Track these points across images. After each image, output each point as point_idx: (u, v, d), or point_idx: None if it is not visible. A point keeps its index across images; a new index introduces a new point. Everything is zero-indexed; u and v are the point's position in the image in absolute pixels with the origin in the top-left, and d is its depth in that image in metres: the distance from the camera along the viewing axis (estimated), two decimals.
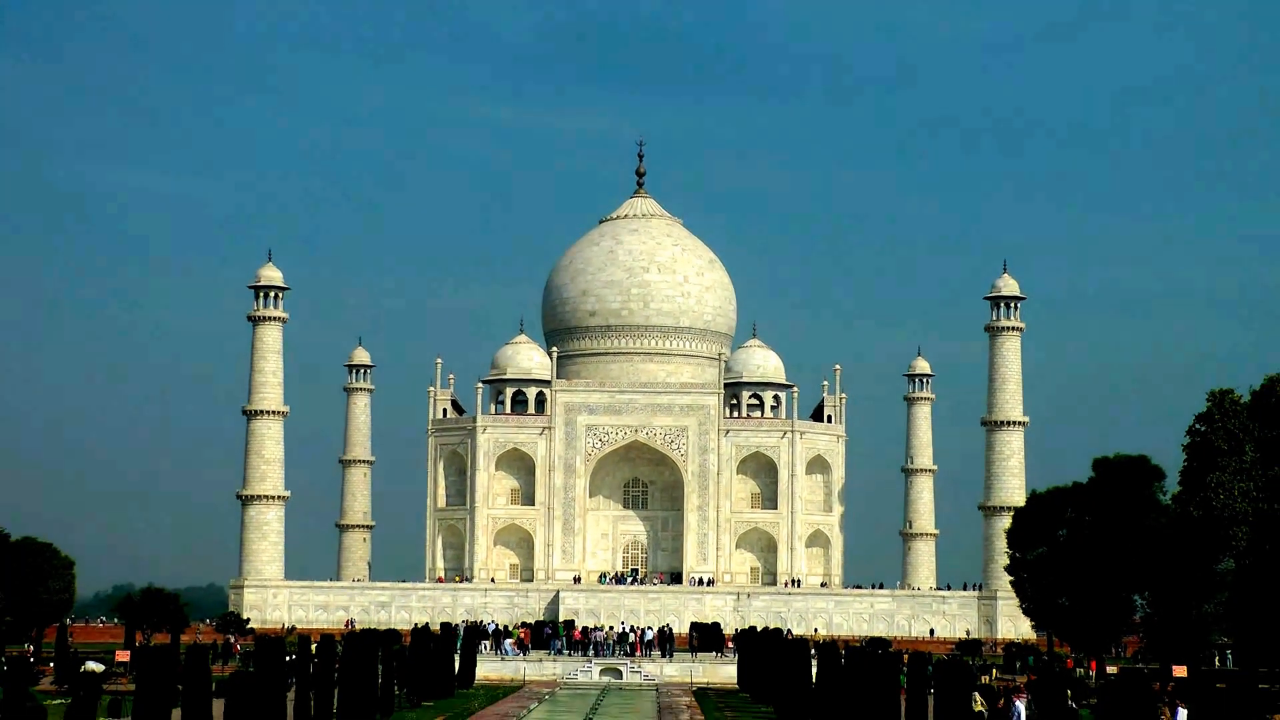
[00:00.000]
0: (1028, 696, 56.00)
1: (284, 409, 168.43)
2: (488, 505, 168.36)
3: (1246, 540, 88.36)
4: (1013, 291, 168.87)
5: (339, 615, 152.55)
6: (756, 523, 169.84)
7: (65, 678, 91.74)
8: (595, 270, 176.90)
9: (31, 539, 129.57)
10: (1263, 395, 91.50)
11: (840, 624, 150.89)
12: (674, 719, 72.23)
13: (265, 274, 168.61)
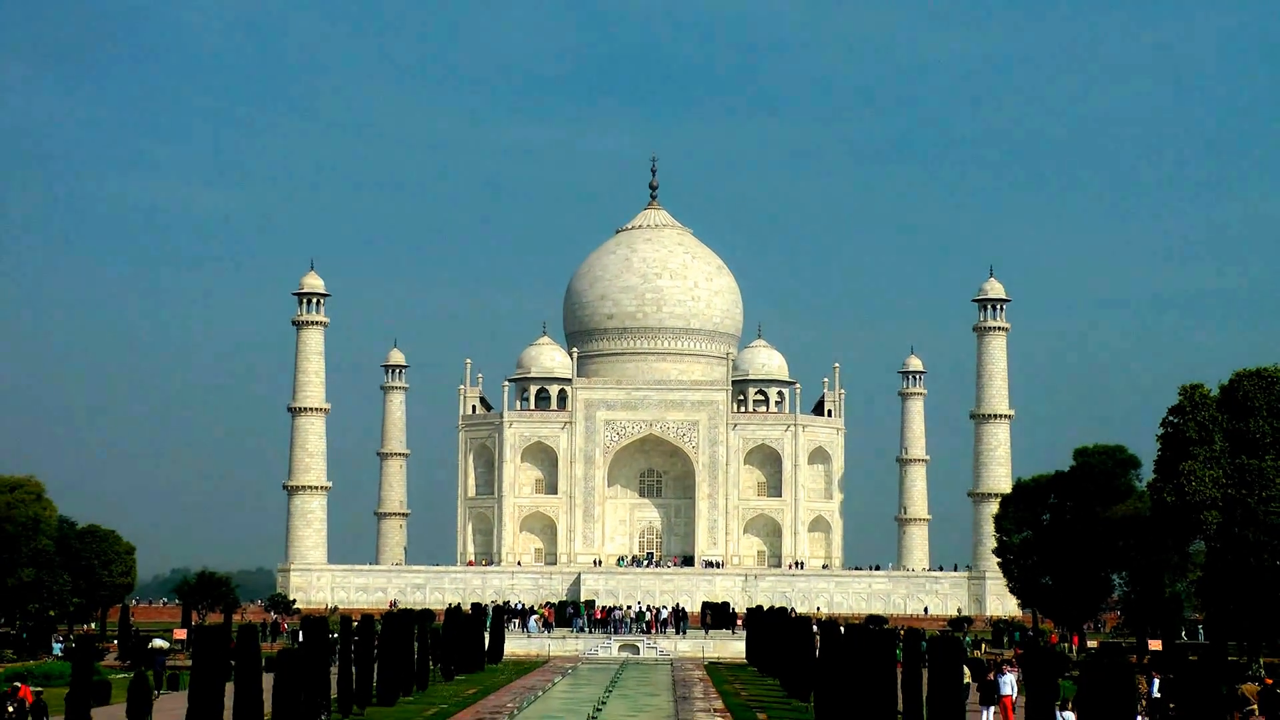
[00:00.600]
0: (1017, 670, 56.05)
1: (325, 406, 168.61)
2: (514, 494, 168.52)
3: (1216, 524, 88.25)
4: (998, 294, 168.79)
5: (378, 596, 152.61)
6: (762, 509, 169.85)
7: (127, 654, 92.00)
8: (612, 277, 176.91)
9: (96, 527, 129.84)
10: (1230, 390, 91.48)
11: (840, 603, 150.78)
12: (688, 691, 72.22)
13: (308, 282, 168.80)
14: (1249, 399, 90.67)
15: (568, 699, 68.92)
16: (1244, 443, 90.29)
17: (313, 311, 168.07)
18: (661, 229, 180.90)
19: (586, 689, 74.58)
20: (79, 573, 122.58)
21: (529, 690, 71.77)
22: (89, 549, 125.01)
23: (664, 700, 67.92)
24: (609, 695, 69.54)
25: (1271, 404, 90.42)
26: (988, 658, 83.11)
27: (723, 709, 61.77)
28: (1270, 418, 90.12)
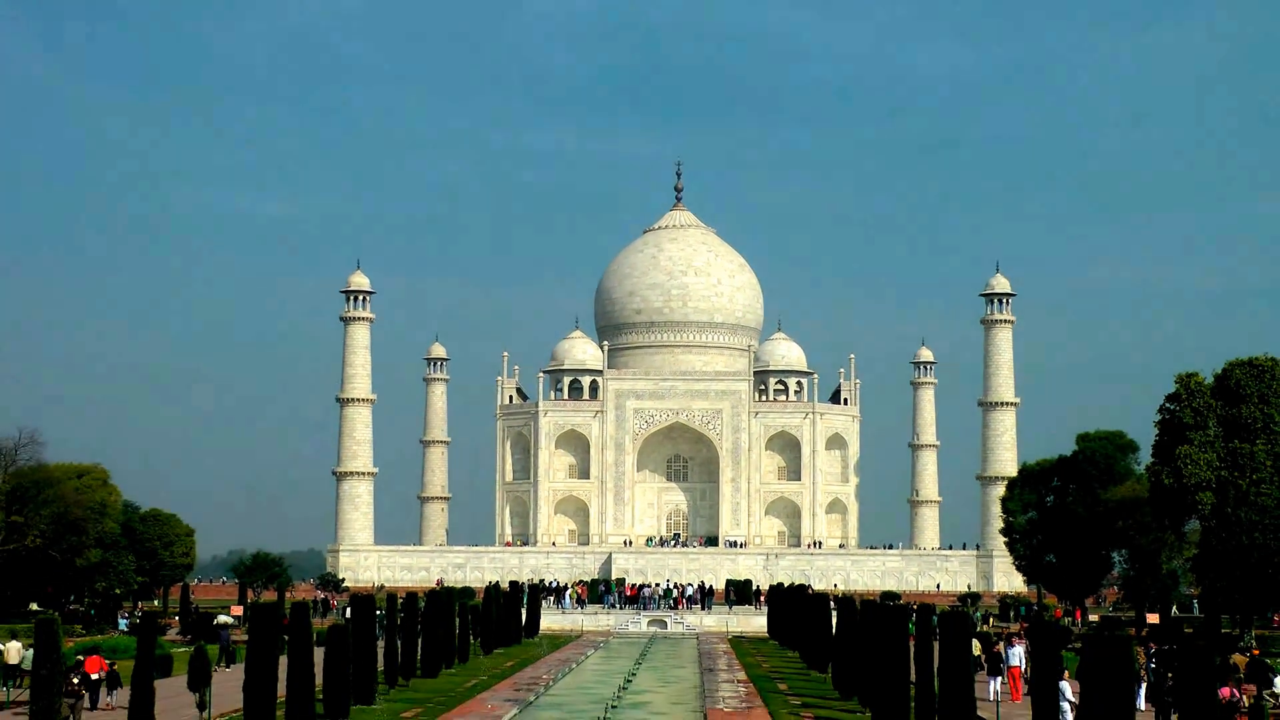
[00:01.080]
0: (1024, 642, 55.96)
1: (372, 397, 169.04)
2: (549, 479, 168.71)
3: (1210, 505, 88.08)
4: (1004, 289, 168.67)
5: (421, 575, 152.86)
6: (782, 492, 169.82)
7: (188, 629, 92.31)
8: (640, 274, 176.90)
9: (158, 511, 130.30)
10: (1223, 378, 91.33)
11: (856, 580, 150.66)
12: (713, 663, 72.20)
13: (355, 280, 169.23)
14: (1241, 387, 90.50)
15: (600, 671, 68.98)
16: (1236, 428, 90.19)
17: (359, 308, 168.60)
18: (686, 229, 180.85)
19: (618, 662, 74.65)
20: (142, 554, 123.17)
21: (564, 663, 71.85)
22: (152, 531, 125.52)
23: (690, 672, 67.96)
24: (639, 667, 69.63)
25: (1262, 392, 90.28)
26: (995, 632, 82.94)
27: (746, 680, 61.78)
28: (1260, 405, 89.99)
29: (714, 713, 47.47)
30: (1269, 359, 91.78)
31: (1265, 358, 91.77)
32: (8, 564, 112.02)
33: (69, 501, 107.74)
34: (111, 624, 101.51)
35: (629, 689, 57.60)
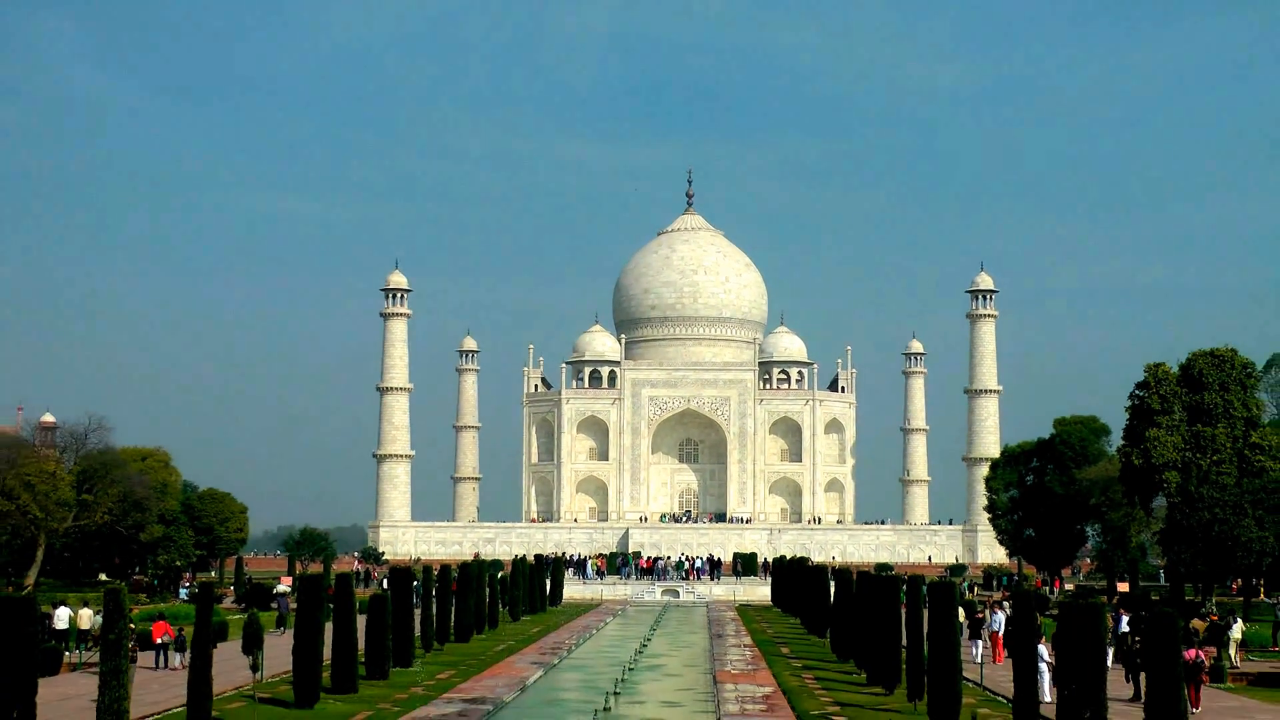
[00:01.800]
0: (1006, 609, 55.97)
1: (409, 386, 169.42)
2: (571, 461, 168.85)
3: (1175, 483, 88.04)
4: (988, 286, 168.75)
5: (454, 549, 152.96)
6: (785, 473, 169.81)
7: (242, 598, 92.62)
8: (654, 273, 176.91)
9: (214, 490, 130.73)
10: (1188, 367, 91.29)
11: (852, 553, 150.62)
12: (721, 629, 72.31)
13: (393, 279, 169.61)
14: (1204, 376, 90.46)
15: (618, 636, 69.14)
16: (1199, 413, 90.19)
17: (397, 305, 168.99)
18: (697, 231, 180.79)
19: (634, 628, 74.81)
20: (200, 529, 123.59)
21: (585, 629, 71.98)
22: (208, 509, 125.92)
23: (701, 637, 68.10)
24: (654, 633, 69.80)
25: (1222, 380, 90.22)
26: (980, 600, 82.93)
27: (751, 644, 61.86)
28: (1221, 392, 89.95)
29: (723, 674, 47.57)
30: (1229, 350, 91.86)
31: (1225, 349, 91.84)
32: (79, 538, 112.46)
33: (134, 482, 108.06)
34: (173, 593, 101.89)
35: (645, 652, 57.77)
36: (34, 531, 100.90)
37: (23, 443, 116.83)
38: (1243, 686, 45.60)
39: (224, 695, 38.94)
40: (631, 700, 41.58)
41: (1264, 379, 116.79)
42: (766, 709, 38.04)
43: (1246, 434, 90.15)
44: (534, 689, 44.48)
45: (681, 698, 42.99)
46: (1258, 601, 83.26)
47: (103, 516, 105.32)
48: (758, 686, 43.64)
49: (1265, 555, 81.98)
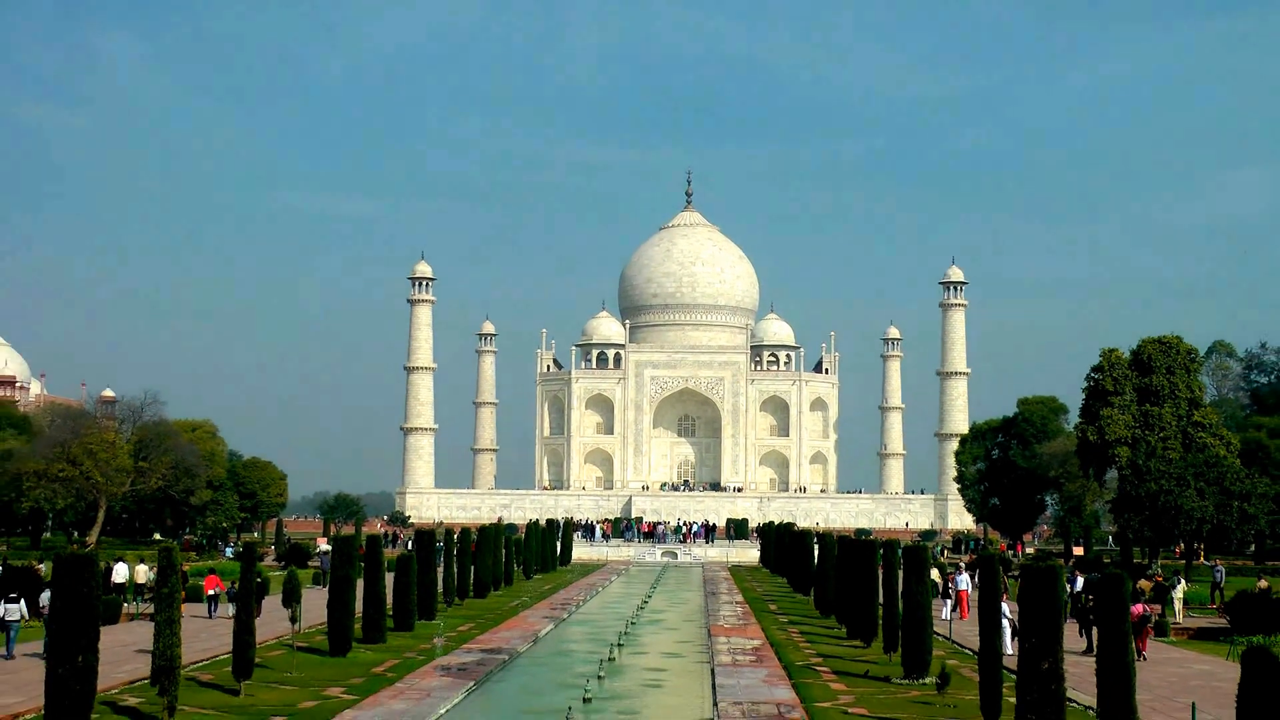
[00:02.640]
0: (972, 571, 56.07)
1: (433, 365, 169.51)
2: (579, 434, 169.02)
3: (1126, 458, 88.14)
4: (959, 278, 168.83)
5: (474, 513, 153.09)
6: (774, 446, 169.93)
7: (282, 556, 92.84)
8: (656, 264, 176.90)
9: (257, 459, 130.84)
10: (1138, 353, 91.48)
11: (835, 519, 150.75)
12: (715, 587, 72.39)
13: (419, 269, 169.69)
14: (1152, 360, 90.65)
15: (622, 593, 69.25)
16: (1147, 394, 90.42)
17: (422, 292, 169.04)
18: (695, 227, 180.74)
19: (637, 586, 74.92)
20: (244, 494, 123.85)
21: (592, 586, 72.10)
22: (251, 476, 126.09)
23: (697, 595, 68.19)
24: (654, 591, 69.89)
25: (1169, 365, 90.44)
26: (950, 563, 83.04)
27: (742, 601, 61.98)
28: (1167, 375, 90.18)
29: (716, 628, 47.66)
30: (1175, 338, 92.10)
31: (1172, 337, 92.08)
32: (135, 502, 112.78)
33: (185, 451, 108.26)
34: (219, 552, 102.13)
35: (646, 608, 57.86)
36: (96, 495, 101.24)
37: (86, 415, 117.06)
38: (1184, 640, 45.75)
39: (266, 644, 39.09)
40: (634, 651, 41.70)
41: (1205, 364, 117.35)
42: (756, 660, 38.14)
43: (1189, 413, 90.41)
44: (545, 641, 44.60)
45: (680, 649, 43.12)
46: (1198, 564, 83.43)
47: (156, 482, 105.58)
48: (748, 640, 43.75)
49: (1205, 523, 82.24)
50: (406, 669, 35.12)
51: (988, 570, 27.05)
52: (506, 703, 30.86)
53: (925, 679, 33.49)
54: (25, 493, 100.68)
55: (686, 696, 32.39)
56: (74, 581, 22.17)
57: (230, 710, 27.95)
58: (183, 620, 26.79)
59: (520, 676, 35.59)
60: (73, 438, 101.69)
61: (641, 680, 35.06)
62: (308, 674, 33.92)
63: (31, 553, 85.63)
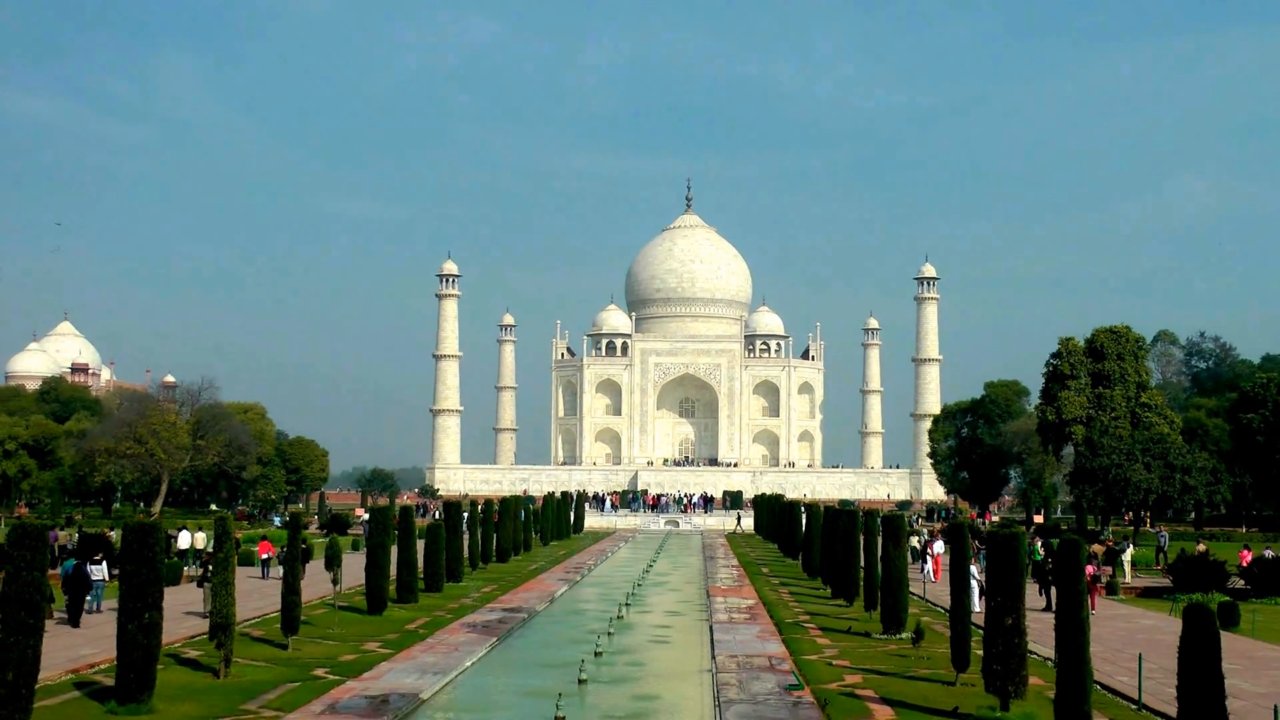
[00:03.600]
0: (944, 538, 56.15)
1: (458, 354, 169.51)
2: (590, 416, 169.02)
3: (1081, 435, 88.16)
4: (931, 274, 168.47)
5: (496, 486, 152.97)
6: (765, 426, 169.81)
7: (324, 525, 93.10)
8: (659, 262, 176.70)
9: (301, 438, 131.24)
10: (1092, 341, 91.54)
11: (820, 491, 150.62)
12: (713, 553, 72.57)
13: (446, 267, 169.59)
14: (1104, 348, 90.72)
15: (629, 558, 69.42)
16: (1100, 378, 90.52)
17: (449, 287, 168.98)
18: (694, 228, 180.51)
19: (642, 551, 75.09)
20: (290, 469, 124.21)
21: (602, 552, 72.28)
22: (297, 452, 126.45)
23: (697, 559, 68.35)
24: (658, 556, 70.05)
25: (1119, 352, 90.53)
26: (925, 530, 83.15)
27: (737, 565, 62.12)
28: (1118, 361, 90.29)
29: (714, 589, 47.78)
30: (1124, 328, 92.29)
31: (1122, 326, 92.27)
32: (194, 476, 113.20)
33: (237, 430, 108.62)
34: (268, 521, 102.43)
35: (651, 571, 58.02)
36: (159, 470, 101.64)
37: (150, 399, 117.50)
38: (1132, 598, 45.88)
39: (310, 603, 39.19)
40: (641, 610, 41.82)
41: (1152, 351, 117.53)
42: (750, 617, 38.24)
43: (1137, 395, 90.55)
44: (561, 600, 44.72)
45: (681, 608, 43.24)
46: (1144, 531, 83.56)
47: (212, 458, 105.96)
48: (743, 599, 43.86)
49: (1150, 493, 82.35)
50: (436, 626, 35.24)
51: (957, 536, 27.12)
52: (526, 656, 30.97)
53: (902, 634, 33.59)
54: (97, 468, 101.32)
55: (688, 650, 32.50)
56: (141, 547, 22.29)
57: (279, 662, 28.08)
58: (236, 582, 26.91)
59: (538, 633, 35.71)
60: (139, 419, 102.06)
61: (647, 636, 35.18)
62: (348, 630, 34.05)
63: (104, 521, 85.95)
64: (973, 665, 25.64)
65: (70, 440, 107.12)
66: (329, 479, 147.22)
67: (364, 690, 24.45)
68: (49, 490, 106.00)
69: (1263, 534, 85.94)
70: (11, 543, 19.29)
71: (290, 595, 30.41)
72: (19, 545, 19.15)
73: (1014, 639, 21.30)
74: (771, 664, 28.41)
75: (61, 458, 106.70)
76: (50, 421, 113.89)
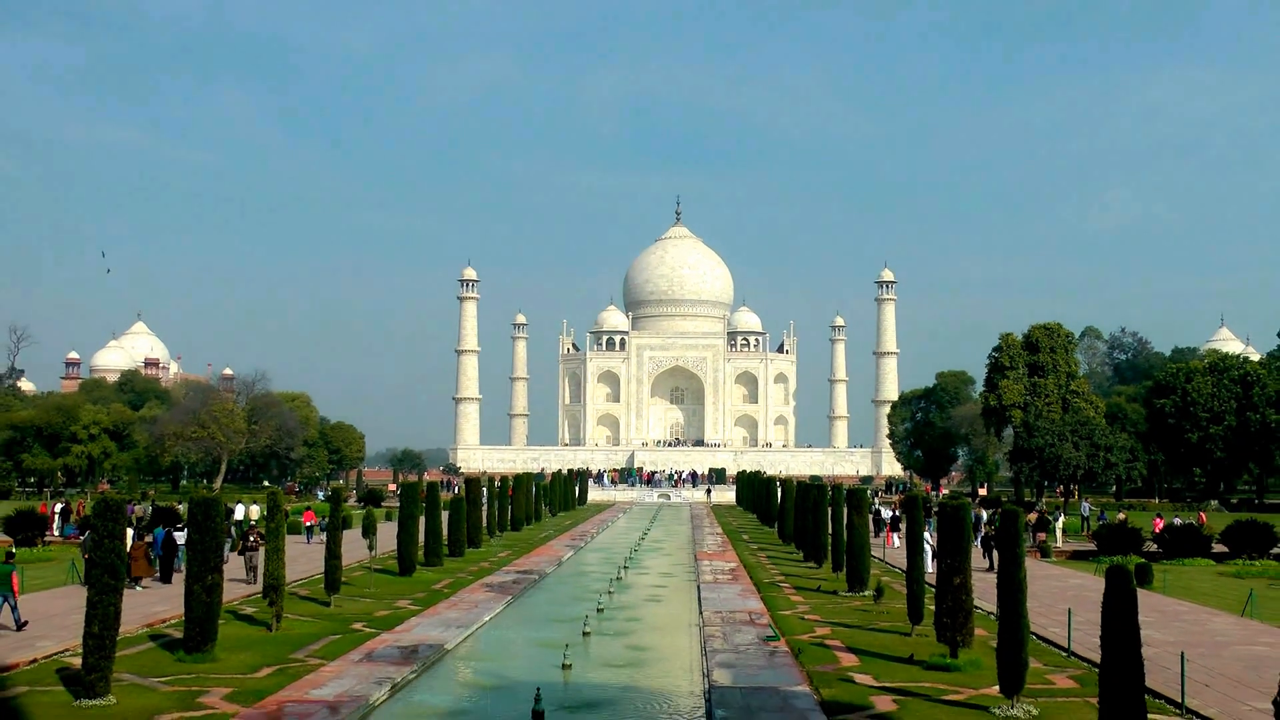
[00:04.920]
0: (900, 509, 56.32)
1: (477, 349, 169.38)
2: (593, 402, 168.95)
3: (1019, 419, 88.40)
4: (890, 278, 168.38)
5: (510, 465, 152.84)
6: (745, 411, 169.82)
7: (361, 499, 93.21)
8: (653, 268, 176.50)
9: (342, 422, 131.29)
10: (1029, 336, 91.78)
11: (794, 468, 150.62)
12: (700, 522, 72.71)
13: (466, 273, 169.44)
14: (1038, 342, 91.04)
15: (627, 526, 69.55)
16: (1035, 369, 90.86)
17: (469, 290, 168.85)
18: (683, 239, 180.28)
19: (638, 520, 75.23)
20: (331, 450, 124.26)
21: (603, 521, 72.40)
22: (337, 435, 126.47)
23: (686, 528, 68.48)
24: (652, 525, 70.20)
25: (1052, 345, 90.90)
26: (885, 502, 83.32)
27: (721, 532, 62.22)
28: (1050, 354, 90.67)
29: (701, 553, 47.89)
30: (1056, 324, 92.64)
31: (1054, 323, 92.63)
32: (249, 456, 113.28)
33: (286, 416, 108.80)
34: (313, 495, 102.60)
35: (646, 538, 58.14)
36: (219, 451, 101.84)
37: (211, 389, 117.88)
38: (1063, 560, 46.02)
39: (349, 566, 39.35)
40: (638, 571, 41.94)
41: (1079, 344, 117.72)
42: (732, 578, 38.36)
43: (1067, 384, 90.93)
44: (567, 564, 44.84)
45: (673, 569, 43.36)
46: (1073, 502, 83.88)
47: (265, 441, 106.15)
48: (726, 563, 43.98)
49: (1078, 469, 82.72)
50: (459, 586, 35.33)
51: (912, 507, 27.25)
52: (537, 612, 31.07)
53: (865, 592, 33.71)
54: (167, 449, 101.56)
55: (678, 607, 32.61)
56: (204, 518, 22.39)
57: (323, 617, 28.18)
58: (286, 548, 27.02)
59: (548, 592, 35.81)
60: (201, 406, 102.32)
61: (643, 595, 35.29)
62: (382, 590, 34.14)
63: (172, 496, 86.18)
64: (926, 619, 25.79)
65: (144, 425, 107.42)
66: (365, 458, 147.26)
67: (396, 641, 24.58)
68: (126, 469, 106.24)
69: (1172, 504, 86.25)
70: (96, 514, 19.48)
71: (332, 560, 30.55)
72: (102, 517, 19.33)
73: (961, 596, 21.43)
74: (751, 618, 28.52)
75: (137, 441, 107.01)
76: (127, 409, 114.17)
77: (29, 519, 45.73)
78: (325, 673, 20.97)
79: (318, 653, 23.12)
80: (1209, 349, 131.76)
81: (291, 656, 22.62)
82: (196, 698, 18.74)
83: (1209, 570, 41.58)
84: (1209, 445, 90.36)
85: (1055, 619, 27.16)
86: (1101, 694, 13.26)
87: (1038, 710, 17.88)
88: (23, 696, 18.84)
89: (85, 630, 18.53)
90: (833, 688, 19.70)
